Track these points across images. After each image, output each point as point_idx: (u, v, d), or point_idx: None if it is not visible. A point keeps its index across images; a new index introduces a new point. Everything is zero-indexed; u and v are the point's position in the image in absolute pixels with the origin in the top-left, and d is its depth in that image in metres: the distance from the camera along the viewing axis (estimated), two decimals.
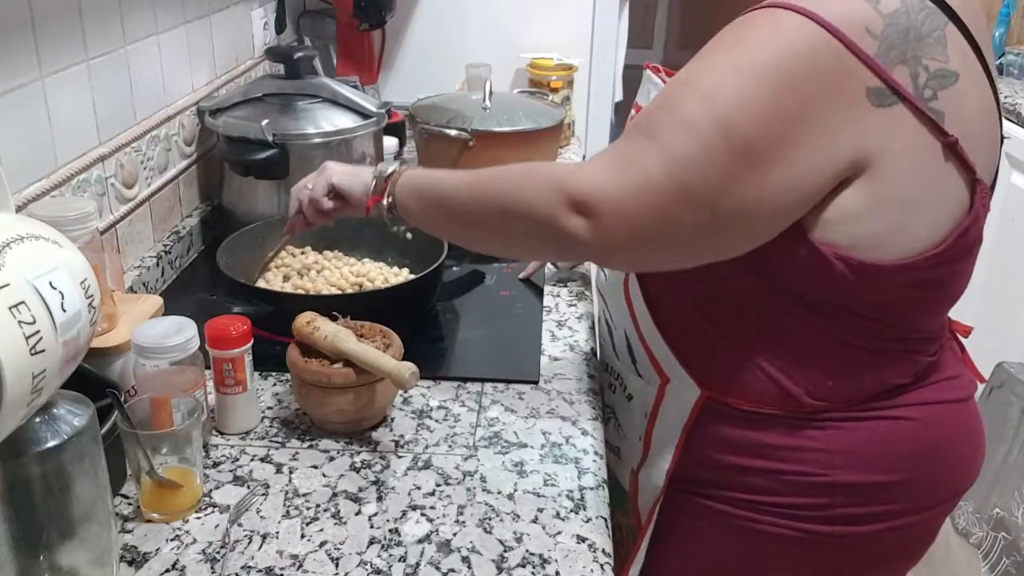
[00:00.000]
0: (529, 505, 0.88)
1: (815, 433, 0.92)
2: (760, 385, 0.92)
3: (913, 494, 0.95)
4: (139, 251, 1.35)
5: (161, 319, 0.95)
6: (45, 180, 1.10)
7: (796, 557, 0.97)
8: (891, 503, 0.94)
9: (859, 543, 0.96)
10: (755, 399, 0.93)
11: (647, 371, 1.02)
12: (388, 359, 0.94)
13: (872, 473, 0.93)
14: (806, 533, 0.95)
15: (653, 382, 1.01)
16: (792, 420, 0.92)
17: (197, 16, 1.54)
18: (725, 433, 0.96)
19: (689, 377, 0.96)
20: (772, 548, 0.97)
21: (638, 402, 1.04)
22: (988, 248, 2.50)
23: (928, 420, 0.94)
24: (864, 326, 0.88)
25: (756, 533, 0.96)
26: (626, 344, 1.04)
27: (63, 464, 0.70)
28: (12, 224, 0.66)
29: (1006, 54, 2.90)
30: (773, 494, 0.95)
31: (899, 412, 0.93)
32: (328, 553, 0.82)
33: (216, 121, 1.48)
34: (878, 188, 0.80)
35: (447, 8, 2.33)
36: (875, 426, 0.92)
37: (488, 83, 1.81)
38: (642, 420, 1.03)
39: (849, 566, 0.99)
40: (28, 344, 0.61)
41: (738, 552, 1.00)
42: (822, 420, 0.92)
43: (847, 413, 0.92)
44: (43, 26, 1.07)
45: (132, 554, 0.81)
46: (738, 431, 0.95)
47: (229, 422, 0.99)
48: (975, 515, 1.76)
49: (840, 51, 0.76)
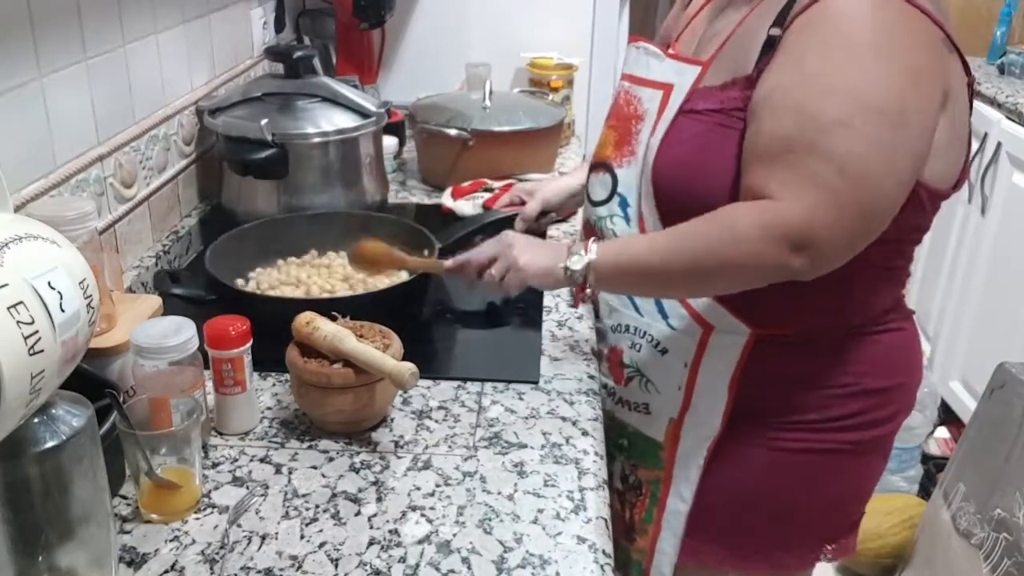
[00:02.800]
0: (529, 505, 0.88)
1: (853, 346, 1.05)
2: (812, 314, 1.03)
3: (906, 396, 1.12)
4: (138, 251, 1.35)
5: (160, 319, 0.95)
6: (43, 180, 1.09)
7: (835, 469, 1.10)
8: (895, 404, 1.10)
9: (874, 447, 1.11)
10: (804, 327, 1.04)
11: (683, 323, 1.07)
12: (388, 359, 0.94)
13: (890, 378, 1.08)
14: (845, 444, 1.07)
15: (693, 332, 1.07)
16: (835, 338, 1.05)
17: (196, 15, 1.54)
18: (776, 364, 1.05)
19: (737, 320, 1.03)
20: (818, 462, 1.08)
21: (675, 354, 1.10)
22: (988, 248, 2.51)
23: (911, 329, 1.12)
24: (900, 249, 1.03)
25: (804, 451, 1.07)
26: (653, 300, 1.10)
27: (62, 465, 0.69)
28: (10, 224, 0.66)
29: (1007, 53, 2.90)
30: (820, 410, 1.06)
31: (898, 324, 1.09)
32: (328, 554, 0.81)
33: (215, 121, 1.48)
34: (951, 123, 0.94)
35: (447, 8, 2.33)
36: (890, 337, 1.08)
37: (488, 83, 1.81)
38: (682, 371, 1.09)
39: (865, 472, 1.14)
40: (27, 344, 0.60)
41: (787, 472, 1.09)
42: (857, 335, 1.06)
43: (873, 327, 1.06)
44: (42, 26, 1.07)
45: (131, 555, 0.81)
46: (787, 360, 1.05)
47: (228, 422, 0.98)
48: (976, 516, 1.75)
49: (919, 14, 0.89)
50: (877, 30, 0.88)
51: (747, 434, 1.09)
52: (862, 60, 0.88)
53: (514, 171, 1.73)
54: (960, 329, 2.62)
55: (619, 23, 2.40)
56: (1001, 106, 2.53)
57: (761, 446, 1.09)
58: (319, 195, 1.49)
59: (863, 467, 1.14)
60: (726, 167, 0.97)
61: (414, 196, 1.75)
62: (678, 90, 1.03)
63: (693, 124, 1.00)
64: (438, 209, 1.64)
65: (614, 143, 1.12)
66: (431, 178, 1.80)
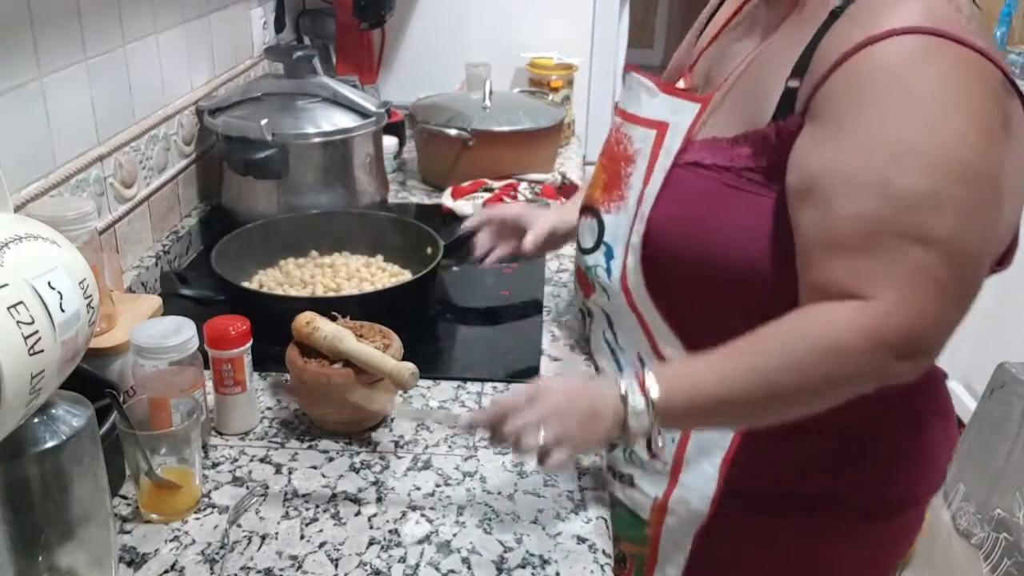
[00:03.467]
0: (529, 506, 0.88)
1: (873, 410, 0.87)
2: None
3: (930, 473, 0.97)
4: (138, 251, 1.35)
5: (160, 319, 0.95)
6: (43, 180, 1.09)
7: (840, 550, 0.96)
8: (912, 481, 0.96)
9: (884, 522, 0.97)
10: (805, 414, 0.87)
11: None
12: (388, 359, 0.94)
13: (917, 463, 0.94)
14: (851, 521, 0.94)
15: None
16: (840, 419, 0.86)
17: (196, 15, 1.54)
18: (773, 444, 0.89)
19: None
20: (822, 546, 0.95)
21: None
22: None
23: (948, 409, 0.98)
24: None
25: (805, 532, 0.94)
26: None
27: (62, 465, 0.69)
28: (10, 224, 0.66)
29: (1008, 53, 2.89)
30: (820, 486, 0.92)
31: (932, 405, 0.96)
32: (328, 554, 0.81)
33: (215, 120, 1.47)
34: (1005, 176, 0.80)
35: (447, 8, 2.33)
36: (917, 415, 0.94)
37: (488, 83, 1.81)
38: (669, 445, 0.94)
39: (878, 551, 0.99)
40: (27, 344, 0.60)
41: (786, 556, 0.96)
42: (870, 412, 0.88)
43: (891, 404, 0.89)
44: (42, 25, 1.07)
45: (131, 555, 0.81)
46: (786, 440, 0.88)
47: (228, 422, 0.98)
48: (976, 516, 1.75)
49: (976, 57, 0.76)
50: (938, 82, 0.75)
51: (741, 514, 0.94)
52: (931, 118, 0.75)
53: (514, 171, 1.73)
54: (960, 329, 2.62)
55: (619, 23, 2.40)
56: None
57: (758, 527, 0.94)
58: (319, 195, 1.49)
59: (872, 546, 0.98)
60: (736, 235, 0.84)
61: (414, 196, 1.75)
62: (674, 131, 0.90)
63: (698, 180, 0.86)
64: (438, 209, 1.64)
65: (603, 185, 0.99)
66: (431, 178, 1.80)
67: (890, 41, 0.75)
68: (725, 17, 1.01)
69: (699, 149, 0.88)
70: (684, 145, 0.88)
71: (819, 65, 0.79)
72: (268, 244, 1.33)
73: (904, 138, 0.75)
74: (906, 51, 0.75)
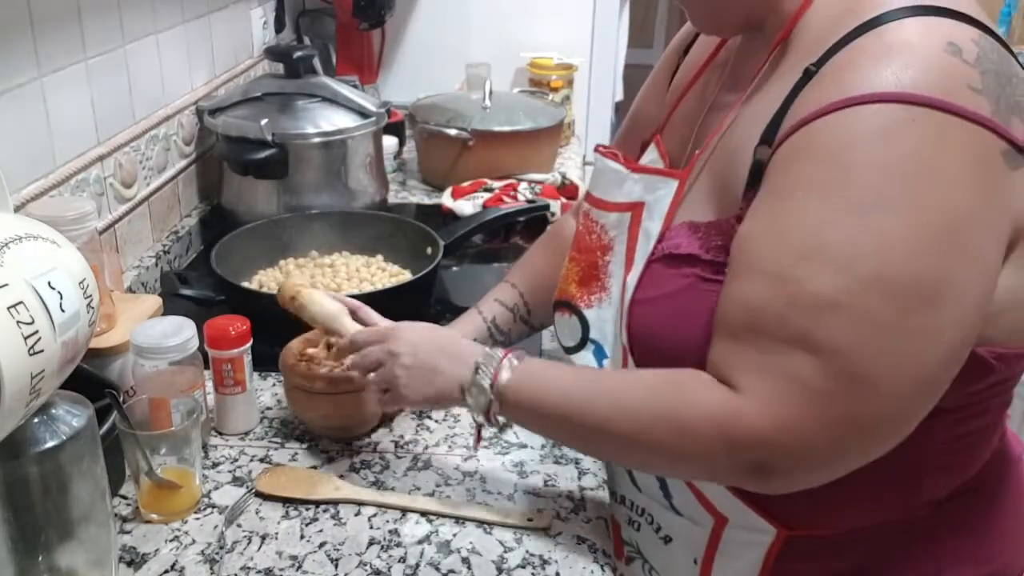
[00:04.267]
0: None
1: (914, 531, 0.80)
2: (862, 511, 0.78)
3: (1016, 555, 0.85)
4: (138, 251, 1.35)
5: (160, 319, 0.95)
6: (43, 180, 1.09)
7: None
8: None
9: None
10: (853, 524, 0.79)
11: (692, 510, 0.84)
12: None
13: (979, 565, 0.82)
14: None
15: (704, 523, 0.83)
16: (892, 529, 0.79)
17: (196, 15, 1.54)
18: (813, 566, 0.81)
19: (760, 517, 0.79)
20: None
21: (681, 546, 0.87)
22: None
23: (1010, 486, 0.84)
24: (981, 411, 0.77)
25: None
26: (654, 477, 0.86)
27: (62, 465, 0.69)
28: (10, 224, 0.66)
29: None
30: None
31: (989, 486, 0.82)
32: (327, 554, 0.81)
33: (215, 121, 1.48)
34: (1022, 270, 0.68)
35: (447, 8, 2.33)
36: (970, 506, 0.81)
37: (488, 83, 1.81)
38: (691, 568, 0.86)
39: None
40: (26, 344, 0.60)
41: None
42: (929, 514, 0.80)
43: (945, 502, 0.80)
44: (42, 25, 1.07)
45: (131, 555, 0.81)
46: (828, 560, 0.81)
47: (228, 422, 0.98)
48: None
49: (965, 125, 0.63)
50: (891, 169, 0.62)
51: None
52: (865, 214, 0.63)
53: (514, 171, 1.73)
54: None
55: (619, 23, 2.40)
56: None
57: None
58: (319, 195, 1.49)
59: None
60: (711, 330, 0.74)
61: (414, 196, 1.75)
62: (651, 211, 0.81)
63: (674, 276, 0.77)
64: (438, 209, 1.64)
65: (577, 279, 0.89)
66: (431, 178, 1.80)
67: (853, 111, 0.64)
68: (699, 63, 0.91)
69: (675, 236, 0.78)
70: (662, 232, 0.79)
71: (784, 132, 0.69)
72: (268, 244, 1.33)
73: (823, 233, 0.64)
74: (866, 126, 0.63)
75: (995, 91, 0.64)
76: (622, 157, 0.88)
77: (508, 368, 0.79)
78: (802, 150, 0.67)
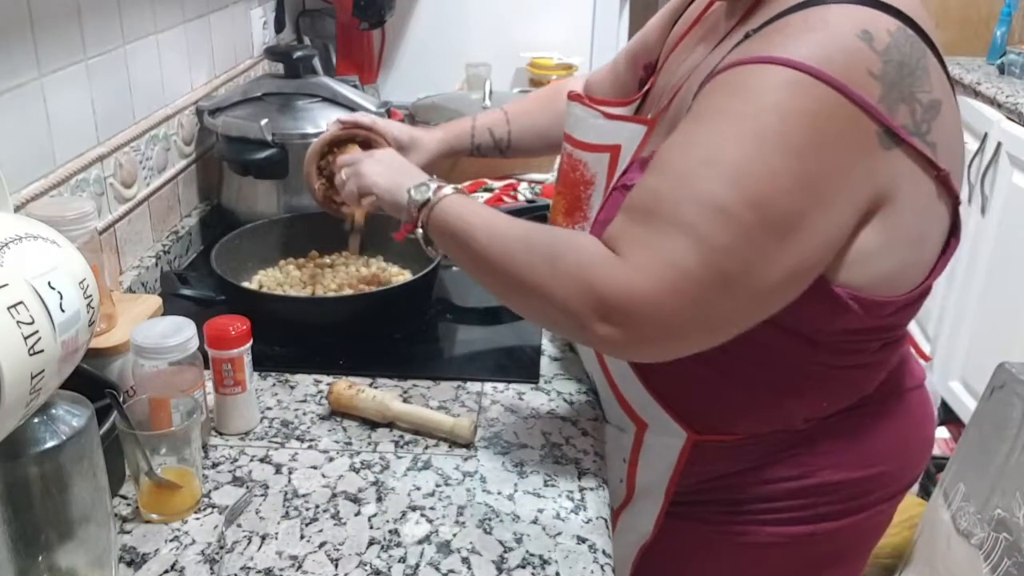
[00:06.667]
0: (529, 505, 0.88)
1: (801, 439, 0.95)
2: (755, 420, 0.94)
3: (886, 483, 1.00)
4: (138, 251, 1.35)
5: (160, 319, 0.95)
6: (43, 180, 1.09)
7: (778, 562, 1.00)
8: (868, 495, 0.99)
9: (834, 537, 0.99)
10: (747, 431, 0.95)
11: (618, 418, 1.01)
12: (445, 418, 0.96)
13: (854, 470, 0.96)
14: (789, 537, 0.97)
15: (628, 428, 1.00)
16: (782, 436, 0.95)
17: (196, 15, 1.54)
18: (714, 466, 0.97)
19: (674, 422, 0.95)
20: (757, 557, 0.99)
21: (613, 448, 1.02)
22: (988, 248, 2.51)
23: (896, 411, 0.99)
24: (857, 349, 0.89)
25: (743, 545, 0.99)
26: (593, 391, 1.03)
27: (62, 465, 0.69)
28: (11, 224, 0.66)
29: (1007, 53, 2.90)
30: (761, 502, 0.97)
31: (874, 408, 0.97)
32: (327, 554, 0.81)
33: (215, 121, 1.48)
34: (890, 226, 0.79)
35: (447, 8, 2.33)
36: (855, 424, 0.96)
37: (488, 83, 1.81)
38: (621, 465, 1.02)
39: (822, 561, 1.02)
40: (27, 344, 0.60)
41: (725, 567, 1.02)
42: (808, 429, 0.95)
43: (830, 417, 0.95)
44: (42, 25, 1.07)
45: (131, 555, 0.81)
46: (728, 461, 0.97)
47: (228, 422, 0.98)
48: (976, 516, 1.75)
49: (849, 105, 0.73)
50: (786, 119, 0.73)
51: (683, 532, 1.01)
52: (761, 147, 0.73)
53: (514, 171, 1.73)
54: (960, 329, 2.62)
55: (619, 23, 2.40)
56: (1001, 106, 2.53)
57: (699, 545, 1.01)
58: None
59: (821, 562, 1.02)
60: None
61: None
62: (625, 153, 0.95)
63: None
64: None
65: (564, 211, 1.04)
66: None
67: (767, 67, 0.74)
68: (695, 15, 1.02)
69: (631, 170, 0.91)
70: (627, 166, 0.92)
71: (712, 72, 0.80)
72: (268, 244, 1.33)
73: (725, 150, 0.75)
74: (774, 80, 0.74)
75: (892, 79, 0.74)
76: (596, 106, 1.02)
77: (452, 190, 0.93)
78: (723, 85, 0.78)
